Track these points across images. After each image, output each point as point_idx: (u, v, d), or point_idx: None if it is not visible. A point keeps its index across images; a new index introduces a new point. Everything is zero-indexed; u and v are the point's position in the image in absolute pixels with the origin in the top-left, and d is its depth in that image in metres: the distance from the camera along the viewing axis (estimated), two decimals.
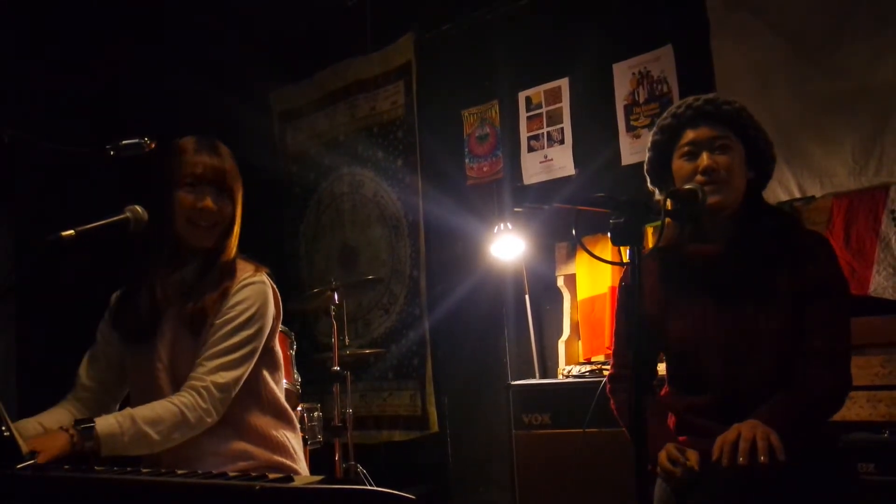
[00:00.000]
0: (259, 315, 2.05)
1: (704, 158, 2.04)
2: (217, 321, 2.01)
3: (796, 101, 3.61)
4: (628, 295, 2.03)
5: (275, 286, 2.16)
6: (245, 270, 2.10)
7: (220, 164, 2.08)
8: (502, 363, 4.47)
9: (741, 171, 2.08)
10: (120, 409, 2.19)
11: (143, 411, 1.87)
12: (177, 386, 2.03)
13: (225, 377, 1.96)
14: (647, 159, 2.21)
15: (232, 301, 2.03)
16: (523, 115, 4.54)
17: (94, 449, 1.75)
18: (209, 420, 1.94)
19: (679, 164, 2.10)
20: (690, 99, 2.12)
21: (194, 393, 1.92)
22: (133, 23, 5.08)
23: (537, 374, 4.18)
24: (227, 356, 1.98)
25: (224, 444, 2.01)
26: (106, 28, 4.96)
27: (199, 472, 1.58)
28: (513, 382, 3.83)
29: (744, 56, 3.77)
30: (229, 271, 2.09)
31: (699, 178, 2.03)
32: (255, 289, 2.07)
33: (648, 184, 2.24)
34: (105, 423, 1.80)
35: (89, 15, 4.87)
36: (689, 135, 2.08)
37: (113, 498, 1.35)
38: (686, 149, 2.08)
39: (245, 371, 2.01)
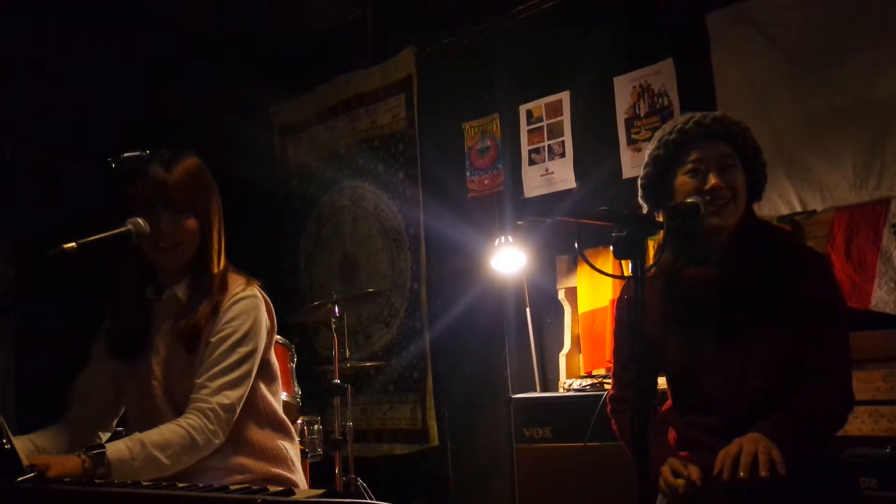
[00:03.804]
0: (254, 331, 2.03)
1: (712, 178, 2.03)
2: (212, 339, 1.99)
3: (797, 114, 3.62)
4: (629, 309, 2.02)
5: (267, 298, 2.14)
6: (236, 284, 2.08)
7: (165, 180, 2.02)
8: (503, 376, 4.46)
9: (744, 190, 2.08)
10: (117, 427, 2.19)
11: (152, 436, 1.85)
12: (173, 403, 2.03)
13: (229, 397, 1.95)
14: (644, 174, 2.18)
15: (225, 318, 2.01)
16: (524, 128, 4.55)
17: (106, 475, 1.74)
18: (217, 441, 1.93)
19: (683, 181, 2.07)
20: (697, 115, 2.10)
21: (201, 415, 1.91)
22: (133, 39, 5.09)
23: (538, 388, 4.18)
24: (227, 375, 1.96)
25: (223, 459, 2.00)
26: (106, 44, 4.97)
27: (200, 485, 1.58)
28: (513, 396, 3.82)
29: (744, 70, 3.78)
30: (220, 285, 2.06)
31: (707, 198, 2.02)
32: (247, 303, 2.05)
33: (640, 198, 2.21)
34: (115, 449, 1.78)
35: (89, 31, 4.88)
36: (696, 152, 2.06)
37: None
38: (692, 166, 2.06)
39: (247, 389, 2.01)
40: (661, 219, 2.04)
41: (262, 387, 2.11)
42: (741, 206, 2.07)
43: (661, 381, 2.32)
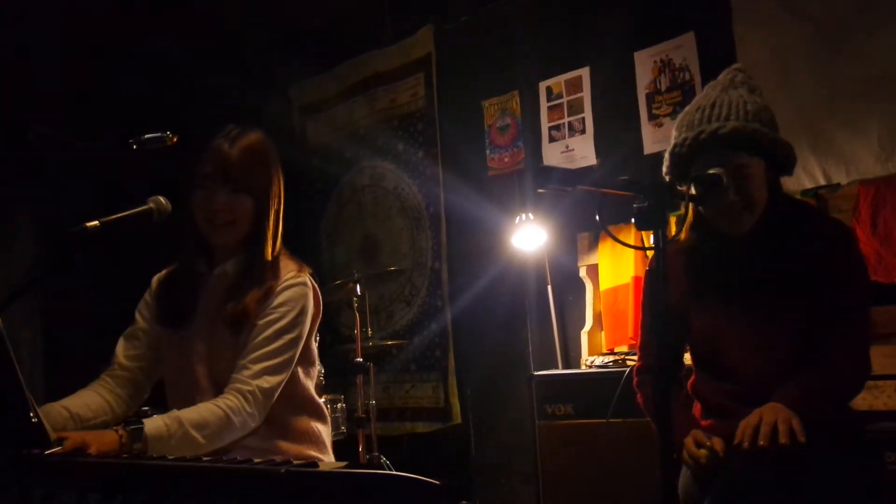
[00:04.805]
0: (300, 319, 2.04)
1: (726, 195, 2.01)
2: (259, 321, 2.00)
3: (821, 87, 3.57)
4: (653, 280, 2.01)
5: (316, 286, 2.15)
6: (288, 269, 2.08)
7: (227, 156, 2.02)
8: (525, 354, 4.44)
9: (762, 188, 2.07)
10: (153, 397, 2.21)
11: (190, 414, 1.86)
12: (213, 380, 2.04)
13: (270, 381, 1.96)
14: (665, 167, 2.19)
15: (275, 302, 2.02)
16: (544, 105, 4.52)
17: (142, 450, 1.75)
18: (253, 424, 1.94)
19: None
20: (706, 128, 2.04)
21: (240, 397, 1.92)
22: (154, 17, 5.10)
23: (560, 365, 4.17)
24: (270, 360, 1.97)
25: (261, 441, 2.01)
26: (127, 22, 4.98)
27: (225, 457, 1.59)
28: (535, 373, 3.81)
29: (767, 42, 3.72)
30: (273, 270, 2.07)
31: (721, 213, 2.05)
32: (297, 291, 2.05)
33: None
34: (153, 426, 1.79)
35: (110, 9, 4.89)
36: (708, 163, 2.03)
37: (138, 483, 1.35)
38: None
39: (287, 374, 2.02)
40: (683, 190, 2.04)
41: (301, 372, 2.12)
42: (759, 203, 2.07)
43: (688, 357, 2.32)
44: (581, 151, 4.35)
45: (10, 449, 1.51)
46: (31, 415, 1.55)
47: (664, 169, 2.19)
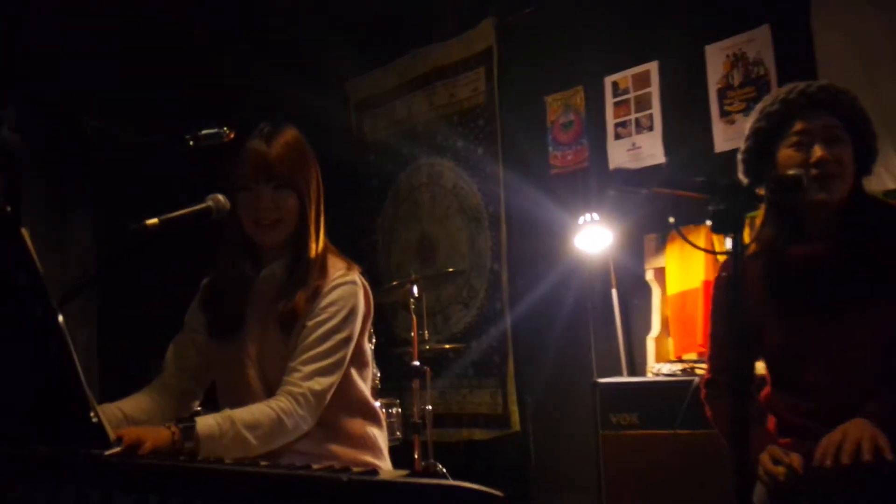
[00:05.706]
0: (351, 319, 2.02)
1: (818, 150, 1.98)
2: (309, 322, 1.99)
3: None
4: (727, 288, 1.93)
5: (366, 284, 2.12)
6: (337, 268, 2.07)
7: (265, 154, 2.01)
8: (587, 360, 4.34)
9: (851, 165, 2.02)
10: (206, 401, 2.21)
11: (243, 414, 1.85)
12: (265, 382, 2.04)
13: (321, 384, 1.94)
14: (744, 147, 2.14)
15: (324, 302, 2.00)
16: (609, 101, 4.45)
17: (193, 449, 1.74)
18: (305, 427, 1.93)
19: (787, 154, 2.02)
20: (802, 84, 2.05)
21: (291, 399, 1.90)
22: (208, 12, 5.12)
23: (625, 372, 4.09)
24: (321, 361, 1.95)
25: (314, 445, 1.99)
26: (181, 18, 5.01)
27: (284, 464, 1.59)
28: (599, 380, 3.73)
29: (847, 36, 3.62)
30: (320, 269, 2.05)
31: (813, 171, 1.97)
32: (346, 290, 2.03)
33: (740, 173, 2.15)
34: (205, 425, 1.78)
35: (163, 4, 4.93)
36: (801, 123, 2.01)
37: (197, 487, 1.35)
38: (796, 138, 2.02)
39: (339, 376, 2.00)
40: (761, 192, 1.97)
41: (354, 373, 2.10)
42: (848, 180, 2.01)
43: (759, 367, 2.23)
44: (648, 149, 4.26)
45: (70, 448, 1.52)
46: (92, 414, 1.54)
47: (742, 147, 2.14)
